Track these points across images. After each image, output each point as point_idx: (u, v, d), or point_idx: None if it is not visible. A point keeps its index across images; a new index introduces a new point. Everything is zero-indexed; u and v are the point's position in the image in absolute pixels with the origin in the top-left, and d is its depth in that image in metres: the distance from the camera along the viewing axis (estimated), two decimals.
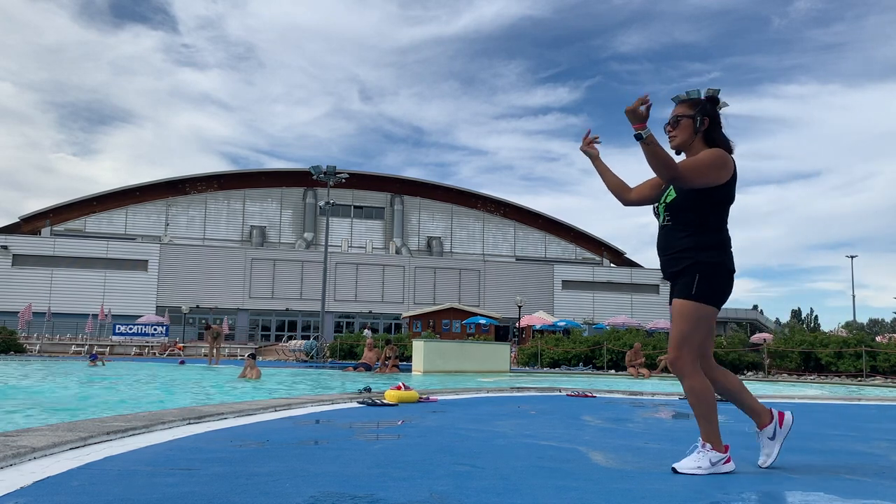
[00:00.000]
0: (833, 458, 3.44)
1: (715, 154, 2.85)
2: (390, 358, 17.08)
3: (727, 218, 2.97)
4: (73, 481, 2.38)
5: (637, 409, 6.62)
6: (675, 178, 2.79)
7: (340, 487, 2.38)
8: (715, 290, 2.85)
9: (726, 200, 2.91)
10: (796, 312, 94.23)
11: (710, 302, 2.84)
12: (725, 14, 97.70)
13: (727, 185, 2.88)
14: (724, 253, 2.90)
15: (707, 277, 2.83)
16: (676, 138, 2.98)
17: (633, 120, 2.76)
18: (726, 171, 2.86)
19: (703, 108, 2.96)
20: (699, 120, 2.94)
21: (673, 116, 3.00)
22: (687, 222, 2.91)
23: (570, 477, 2.71)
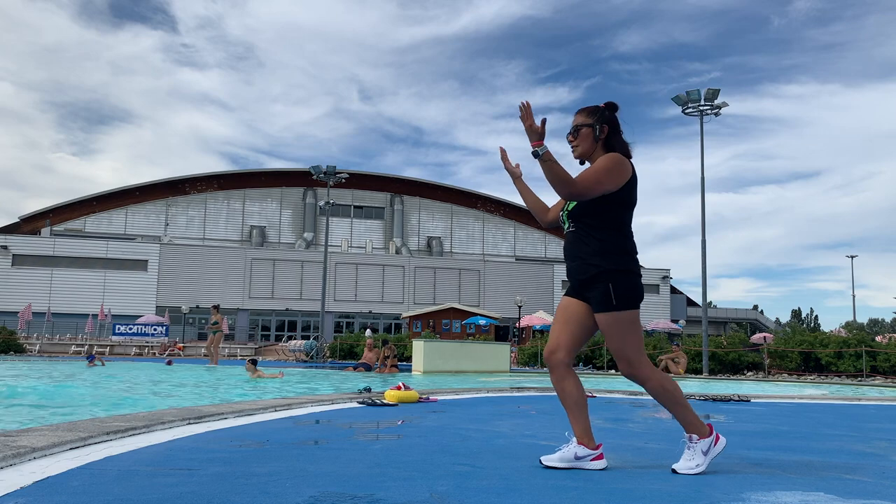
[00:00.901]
0: (833, 458, 3.43)
1: (609, 159, 2.86)
2: (388, 357, 17.08)
3: (631, 221, 2.98)
4: (73, 481, 2.38)
5: (637, 409, 6.62)
6: (572, 194, 2.83)
7: (340, 487, 2.38)
8: (631, 294, 2.87)
9: (627, 204, 2.92)
10: (796, 312, 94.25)
11: (629, 307, 2.87)
12: (725, 14, 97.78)
13: (626, 189, 2.89)
14: (630, 258, 2.91)
15: (620, 285, 2.85)
16: (578, 148, 3.00)
17: (532, 137, 2.82)
18: (624, 175, 2.87)
19: (601, 115, 2.99)
20: (598, 128, 2.96)
21: (573, 126, 3.01)
22: (590, 229, 2.92)
23: (570, 477, 2.71)
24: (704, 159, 22.03)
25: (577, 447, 2.92)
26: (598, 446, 2.94)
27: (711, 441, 2.87)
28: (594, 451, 2.92)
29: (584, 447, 2.91)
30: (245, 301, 50.41)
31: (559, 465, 2.90)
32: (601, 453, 2.94)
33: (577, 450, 2.91)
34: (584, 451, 2.90)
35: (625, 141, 3.02)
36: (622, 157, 2.90)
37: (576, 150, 3.01)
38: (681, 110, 22.34)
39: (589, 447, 2.92)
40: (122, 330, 36.72)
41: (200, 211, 56.20)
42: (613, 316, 2.86)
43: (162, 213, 55.51)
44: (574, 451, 2.91)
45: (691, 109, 22.10)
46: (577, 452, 2.90)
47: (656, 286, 58.54)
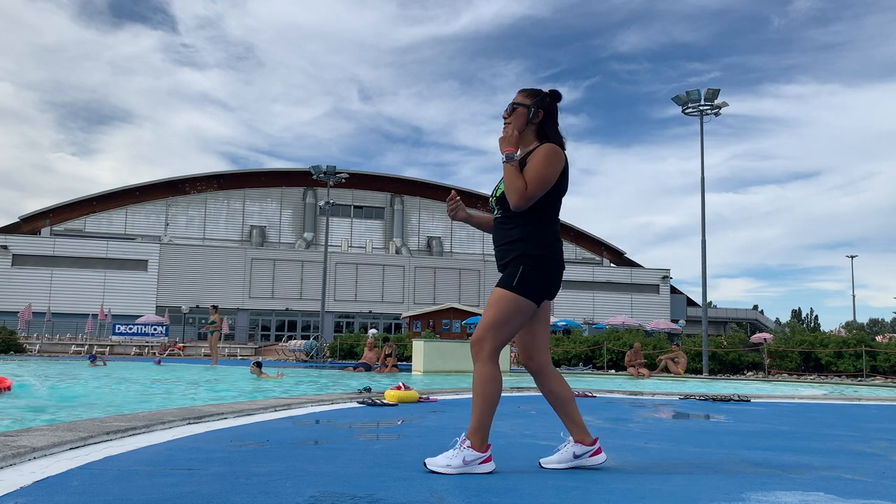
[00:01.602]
0: (833, 458, 3.43)
1: (546, 154, 2.84)
2: (389, 356, 17.08)
3: (558, 210, 2.96)
4: (73, 481, 2.38)
5: (637, 409, 6.62)
6: (522, 203, 2.80)
7: (340, 487, 2.38)
8: (538, 283, 2.82)
9: (556, 193, 2.89)
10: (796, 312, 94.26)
11: (529, 295, 2.81)
12: (725, 13, 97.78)
13: (558, 178, 2.87)
14: (551, 246, 2.87)
15: (531, 270, 2.80)
16: (511, 125, 2.96)
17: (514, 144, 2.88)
18: (559, 165, 2.85)
19: (541, 100, 2.97)
20: (533, 111, 2.94)
21: (511, 104, 3.00)
22: (516, 215, 2.89)
23: (570, 477, 2.71)
24: (704, 159, 22.04)
25: (575, 446, 2.91)
26: (594, 440, 2.92)
27: (480, 458, 2.74)
28: (591, 446, 2.91)
29: (581, 444, 2.91)
30: (245, 301, 50.41)
31: (559, 467, 2.89)
32: (599, 447, 2.93)
33: (575, 448, 2.90)
34: (582, 449, 2.90)
35: (559, 132, 3.00)
36: (556, 149, 2.87)
37: (507, 127, 2.97)
38: (681, 110, 22.33)
39: (585, 444, 2.91)
40: (122, 330, 36.72)
41: (200, 211, 56.19)
42: (505, 294, 2.80)
43: (162, 213, 55.50)
44: (572, 451, 2.90)
45: (691, 109, 22.10)
46: (575, 451, 2.90)
47: (656, 286, 58.55)
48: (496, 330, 2.80)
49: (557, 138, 2.97)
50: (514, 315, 2.80)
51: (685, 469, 2.98)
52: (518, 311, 2.81)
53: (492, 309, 2.82)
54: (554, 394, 2.96)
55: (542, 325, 2.97)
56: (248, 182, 57.41)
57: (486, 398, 2.78)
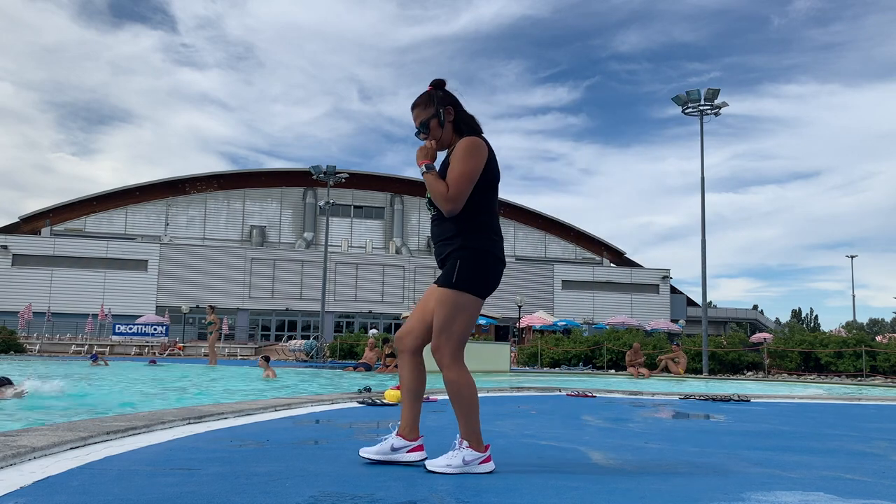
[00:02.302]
0: (833, 458, 3.43)
1: (464, 149, 2.77)
2: (389, 356, 17.08)
3: (494, 202, 2.88)
4: (74, 481, 2.38)
5: (637, 409, 6.62)
6: (451, 207, 2.76)
7: (340, 487, 2.38)
8: (476, 277, 2.76)
9: (486, 184, 2.82)
10: (796, 312, 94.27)
11: (470, 290, 2.75)
12: (724, 13, 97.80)
13: (484, 168, 2.80)
14: (487, 239, 2.80)
15: (469, 264, 2.75)
16: (434, 143, 2.91)
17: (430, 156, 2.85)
18: (481, 156, 2.78)
19: (439, 100, 2.90)
20: (441, 113, 2.88)
21: (419, 125, 2.93)
22: None
23: (570, 477, 2.71)
24: (704, 159, 22.04)
25: (396, 438, 2.89)
26: (416, 438, 2.88)
27: (479, 458, 2.74)
28: (412, 442, 2.88)
29: (403, 438, 2.88)
30: (245, 301, 50.41)
31: (375, 458, 2.87)
32: (420, 445, 2.88)
33: (395, 441, 2.87)
34: (402, 443, 2.87)
35: (469, 115, 2.94)
36: (475, 141, 2.80)
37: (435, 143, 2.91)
38: (681, 110, 22.34)
39: (407, 439, 2.88)
40: (123, 330, 36.74)
41: (200, 211, 56.19)
42: (448, 294, 2.75)
43: (162, 213, 55.50)
44: (391, 443, 2.88)
45: (691, 109, 22.10)
46: (394, 444, 2.87)
47: (656, 286, 58.54)
48: (447, 333, 2.75)
49: (472, 127, 2.91)
50: (459, 313, 2.75)
51: (685, 469, 2.98)
52: (462, 308, 2.75)
53: (439, 312, 2.77)
54: (409, 383, 2.93)
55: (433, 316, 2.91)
56: (248, 182, 57.41)
57: (464, 404, 2.76)
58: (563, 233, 62.81)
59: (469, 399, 2.77)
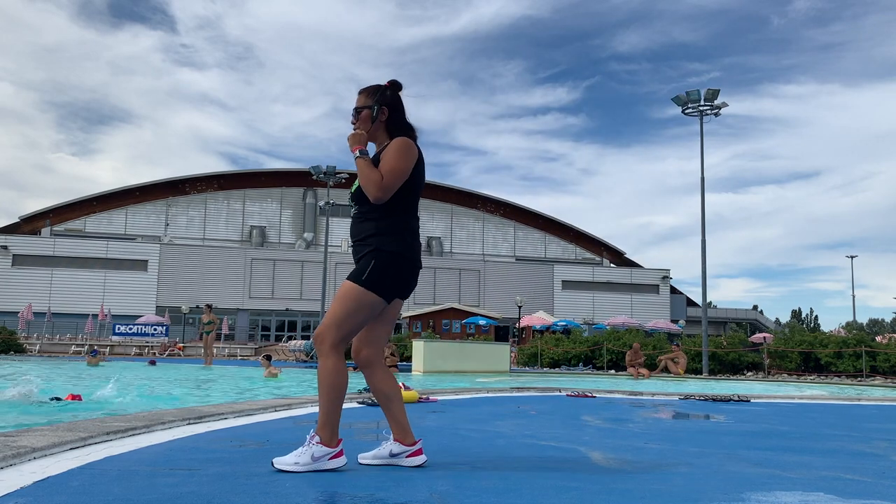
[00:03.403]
0: (833, 458, 3.44)
1: (398, 148, 2.81)
2: (388, 357, 17.08)
3: (414, 204, 2.92)
4: (74, 481, 2.38)
5: (637, 409, 6.62)
6: (380, 196, 2.76)
7: (340, 487, 2.38)
8: (389, 279, 2.77)
9: (410, 188, 2.85)
10: (796, 312, 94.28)
11: (378, 291, 2.76)
12: (724, 13, 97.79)
13: (413, 173, 2.84)
14: (403, 241, 2.82)
15: (383, 265, 2.76)
16: (359, 129, 2.94)
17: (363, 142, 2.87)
18: (412, 157, 2.83)
19: (381, 96, 2.94)
20: (376, 110, 2.92)
21: (354, 109, 2.97)
22: (369, 212, 2.85)
23: (570, 477, 2.71)
24: (704, 159, 22.05)
25: (393, 444, 2.89)
26: (415, 442, 2.88)
27: (329, 454, 2.70)
28: (410, 447, 2.87)
29: (400, 444, 2.88)
30: (245, 301, 50.41)
31: (373, 462, 2.87)
32: (419, 449, 2.88)
33: (393, 447, 2.87)
34: (400, 448, 2.86)
35: (408, 123, 2.98)
36: (409, 142, 2.84)
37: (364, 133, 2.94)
38: (681, 111, 22.35)
39: (405, 443, 2.88)
40: (122, 330, 36.71)
41: (200, 211, 56.20)
42: (352, 288, 2.76)
43: (162, 213, 55.50)
44: (389, 449, 2.87)
45: (691, 110, 22.11)
46: (393, 450, 2.87)
47: (656, 286, 58.54)
48: (339, 324, 2.74)
49: (407, 131, 2.95)
50: (358, 309, 2.76)
51: (685, 469, 2.98)
52: (363, 306, 2.76)
53: (337, 303, 2.77)
54: (380, 391, 2.93)
55: (382, 323, 2.93)
56: (248, 182, 57.41)
57: (330, 391, 2.73)
58: (562, 233, 62.82)
59: (338, 390, 2.74)
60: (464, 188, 61.98)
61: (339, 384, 2.74)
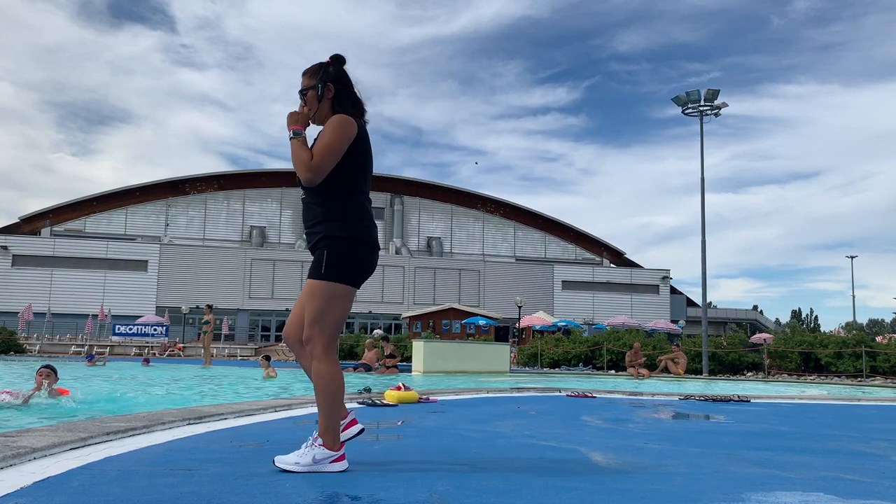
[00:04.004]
0: (833, 458, 3.44)
1: (331, 124, 2.74)
2: (393, 356, 17.09)
3: (362, 185, 2.82)
4: (73, 481, 2.38)
5: (637, 409, 6.62)
6: (310, 176, 2.69)
7: (340, 488, 2.38)
8: (346, 266, 2.71)
9: (354, 167, 2.77)
10: (796, 313, 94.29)
11: (341, 280, 2.70)
12: (724, 13, 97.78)
13: (351, 150, 2.75)
14: (352, 224, 2.75)
15: (336, 253, 2.70)
16: (309, 112, 2.86)
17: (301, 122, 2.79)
18: (348, 132, 2.73)
19: (325, 73, 2.85)
20: (321, 87, 2.83)
21: (299, 91, 2.91)
22: (316, 195, 2.78)
23: (570, 477, 2.71)
24: (704, 159, 22.04)
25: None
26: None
27: (331, 457, 2.66)
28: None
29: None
30: (245, 301, 50.40)
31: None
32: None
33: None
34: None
35: (357, 98, 2.89)
36: (345, 118, 2.75)
37: (309, 116, 2.87)
38: (681, 111, 22.35)
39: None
40: (122, 330, 36.71)
41: (200, 211, 56.19)
42: (319, 285, 2.69)
43: (162, 213, 55.49)
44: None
45: (691, 110, 22.11)
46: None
47: (656, 286, 58.52)
48: (319, 324, 2.69)
49: (355, 105, 2.87)
50: (331, 303, 2.70)
51: (685, 469, 2.98)
52: (334, 298, 2.70)
53: (311, 304, 2.71)
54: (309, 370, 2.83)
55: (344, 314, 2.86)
56: (248, 182, 57.40)
57: (329, 397, 2.70)
58: (562, 233, 62.82)
59: (335, 393, 2.70)
60: (464, 188, 61.99)
61: (336, 389, 2.71)
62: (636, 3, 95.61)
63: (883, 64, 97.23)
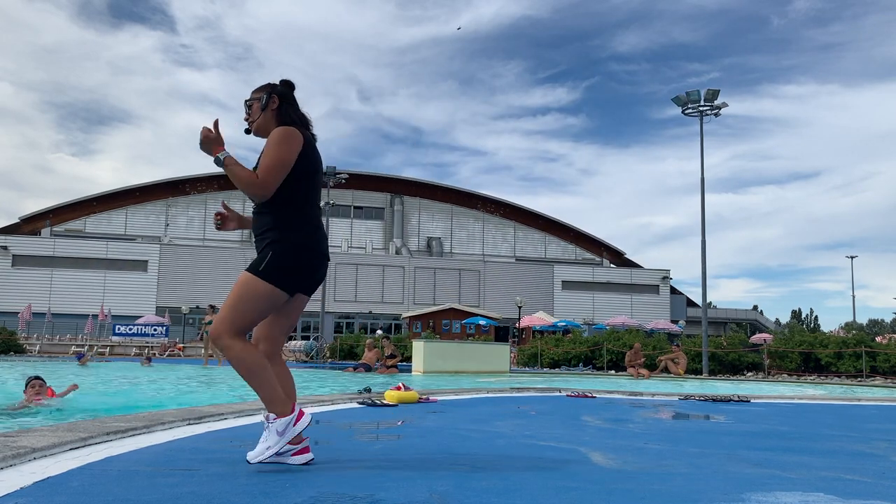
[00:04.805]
0: (833, 458, 3.44)
1: (275, 135, 2.76)
2: (393, 356, 17.08)
3: (313, 194, 2.84)
4: (74, 482, 2.38)
5: (637, 409, 6.63)
6: (260, 193, 2.73)
7: (340, 487, 2.38)
8: (286, 270, 2.71)
9: (301, 177, 2.79)
10: (796, 313, 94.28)
11: (275, 282, 2.70)
12: (724, 14, 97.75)
13: (298, 160, 2.77)
14: (304, 233, 2.77)
15: (280, 257, 2.71)
16: (253, 123, 2.92)
17: (213, 147, 2.77)
18: (293, 145, 2.76)
19: (272, 89, 2.92)
20: (265, 98, 2.88)
21: (245, 101, 2.95)
22: (266, 206, 2.80)
23: (570, 477, 2.71)
24: (704, 160, 22.04)
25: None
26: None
27: (291, 420, 2.67)
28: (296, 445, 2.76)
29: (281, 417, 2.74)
30: None
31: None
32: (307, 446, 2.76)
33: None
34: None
35: (302, 113, 2.94)
36: (289, 129, 2.79)
37: (252, 126, 2.92)
38: (680, 111, 22.34)
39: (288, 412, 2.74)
40: (123, 330, 36.70)
41: (200, 211, 56.18)
42: (249, 278, 2.71)
43: (162, 213, 55.50)
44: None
45: (691, 110, 22.10)
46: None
47: (656, 286, 58.52)
48: (233, 313, 2.69)
49: (300, 120, 2.92)
50: (254, 300, 2.70)
51: (685, 469, 2.98)
52: (260, 297, 2.70)
53: (233, 294, 2.72)
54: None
55: (283, 318, 2.87)
56: None
57: (251, 375, 2.69)
58: (562, 233, 62.82)
59: (256, 368, 2.69)
60: (464, 188, 62.00)
61: (254, 363, 2.69)
62: (636, 3, 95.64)
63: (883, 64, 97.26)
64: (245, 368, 2.69)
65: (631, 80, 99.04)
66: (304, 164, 2.80)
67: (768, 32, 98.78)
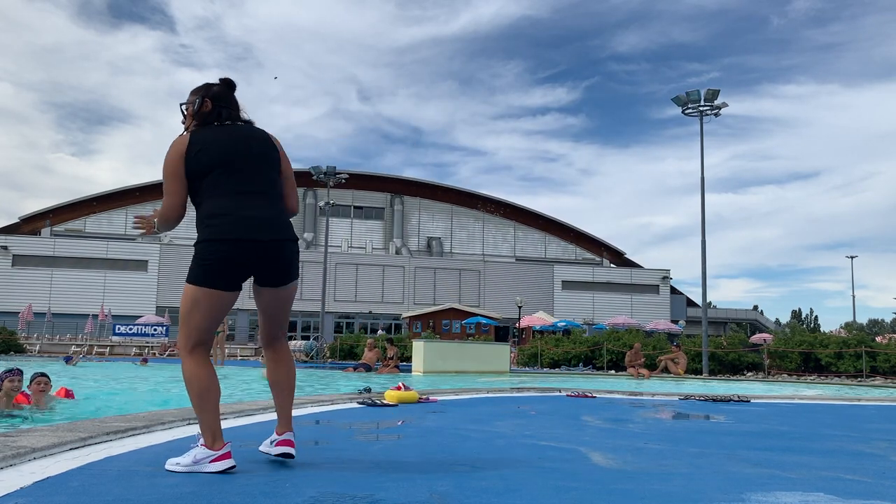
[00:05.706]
0: (833, 458, 3.44)
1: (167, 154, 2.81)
2: (392, 357, 17.08)
3: (213, 189, 2.81)
4: (73, 482, 2.38)
5: (637, 409, 6.62)
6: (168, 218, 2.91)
7: (340, 487, 2.38)
8: (204, 270, 2.73)
9: (192, 177, 2.80)
10: (796, 313, 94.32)
11: (202, 283, 2.72)
12: (724, 14, 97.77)
13: (185, 164, 2.78)
14: (208, 227, 2.79)
15: (196, 258, 2.79)
16: (187, 129, 2.92)
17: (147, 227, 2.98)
18: (170, 155, 2.78)
19: (206, 90, 2.89)
20: (198, 102, 2.86)
21: (181, 104, 2.95)
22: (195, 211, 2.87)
23: (570, 477, 2.71)
24: (704, 160, 22.04)
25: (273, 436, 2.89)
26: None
27: (211, 456, 2.60)
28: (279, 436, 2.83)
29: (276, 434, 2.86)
30: (244, 301, 50.18)
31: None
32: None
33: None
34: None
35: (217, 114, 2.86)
36: (173, 142, 2.80)
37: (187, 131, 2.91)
38: (680, 111, 22.34)
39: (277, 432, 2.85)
40: (123, 330, 36.69)
41: None
42: (185, 288, 2.79)
43: None
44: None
45: (691, 110, 22.10)
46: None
47: (656, 286, 58.51)
48: (183, 326, 2.75)
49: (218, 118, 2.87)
50: (195, 307, 2.72)
51: (685, 469, 2.98)
52: (198, 302, 2.72)
53: (181, 307, 2.81)
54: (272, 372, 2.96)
55: (262, 315, 2.95)
56: None
57: (194, 398, 2.70)
58: (562, 233, 62.81)
59: (200, 393, 2.68)
60: (464, 188, 61.99)
61: (200, 388, 2.69)
62: (635, 3, 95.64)
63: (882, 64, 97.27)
64: (193, 391, 2.70)
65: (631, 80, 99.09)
66: (191, 166, 2.78)
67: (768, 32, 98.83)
